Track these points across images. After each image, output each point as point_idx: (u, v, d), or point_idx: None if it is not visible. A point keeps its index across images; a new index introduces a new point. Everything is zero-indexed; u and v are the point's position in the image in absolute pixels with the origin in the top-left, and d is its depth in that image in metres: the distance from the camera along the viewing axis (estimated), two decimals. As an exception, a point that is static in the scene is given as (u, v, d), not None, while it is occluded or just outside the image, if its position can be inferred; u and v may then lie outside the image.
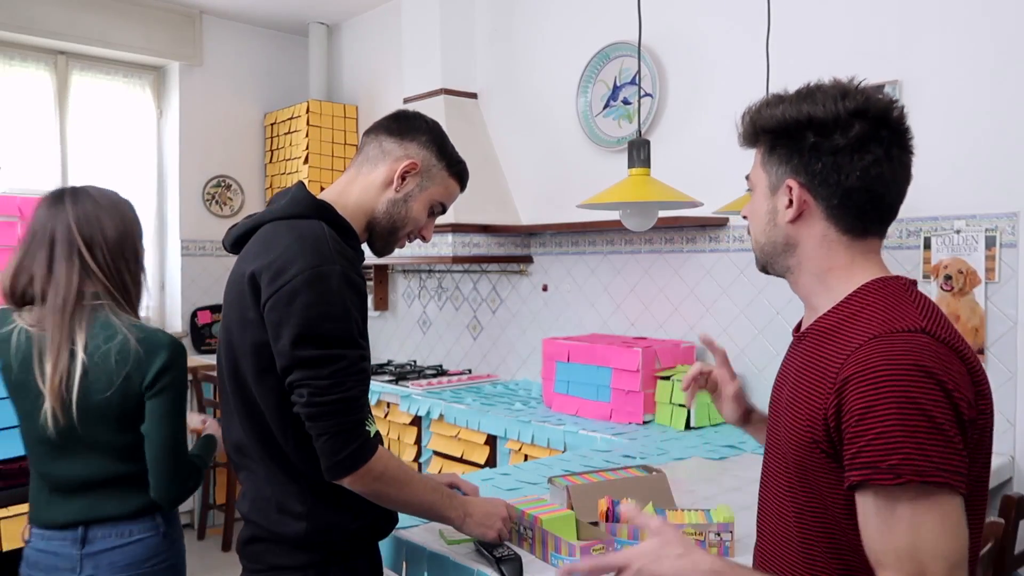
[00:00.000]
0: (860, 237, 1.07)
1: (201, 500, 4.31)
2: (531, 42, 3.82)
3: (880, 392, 0.91)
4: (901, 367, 0.91)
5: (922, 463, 0.88)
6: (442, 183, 1.53)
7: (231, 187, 5.02)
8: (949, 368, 0.92)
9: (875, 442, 0.90)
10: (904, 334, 0.95)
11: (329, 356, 1.28)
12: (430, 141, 1.52)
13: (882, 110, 1.04)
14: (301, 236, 1.33)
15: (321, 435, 1.28)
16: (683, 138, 3.16)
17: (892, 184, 1.05)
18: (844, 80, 1.08)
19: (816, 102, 1.05)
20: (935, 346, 0.94)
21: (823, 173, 1.05)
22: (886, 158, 1.03)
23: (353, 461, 1.29)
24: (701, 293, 3.14)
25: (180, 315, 4.83)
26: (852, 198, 1.04)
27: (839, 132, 1.03)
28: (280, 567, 1.38)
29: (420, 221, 1.53)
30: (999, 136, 2.36)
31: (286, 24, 5.04)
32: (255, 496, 1.40)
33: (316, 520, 1.37)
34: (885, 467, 0.89)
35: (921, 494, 0.89)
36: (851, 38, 2.65)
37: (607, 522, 1.58)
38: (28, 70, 4.39)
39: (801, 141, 1.06)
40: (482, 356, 4.09)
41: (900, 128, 1.05)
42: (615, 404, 2.90)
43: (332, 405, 1.27)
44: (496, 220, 3.72)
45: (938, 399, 0.90)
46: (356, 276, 1.35)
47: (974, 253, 2.41)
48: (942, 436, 0.89)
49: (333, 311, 1.28)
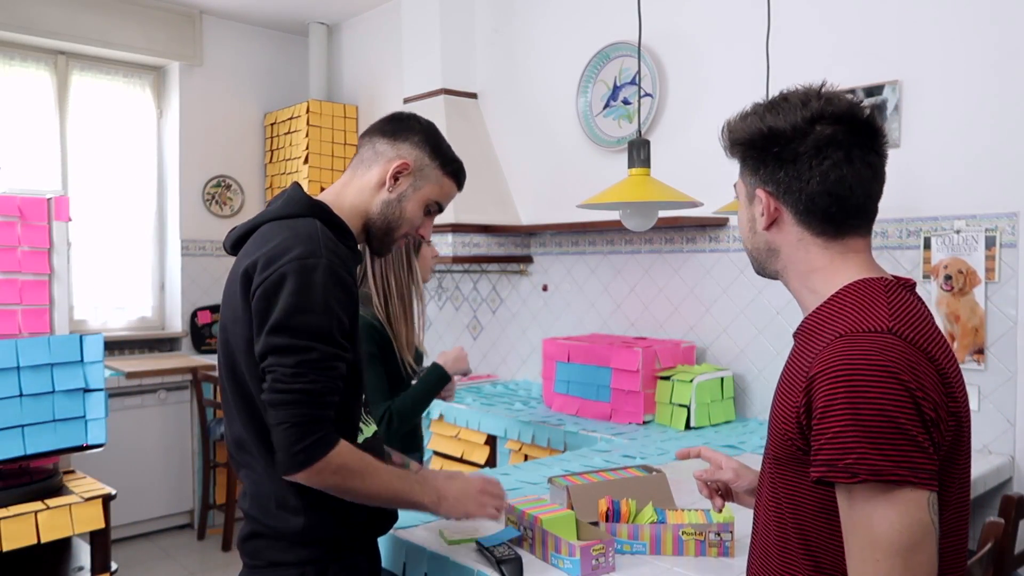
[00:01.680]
0: (836, 238, 1.09)
1: (201, 500, 4.31)
2: (531, 42, 3.82)
3: (838, 391, 0.93)
4: (860, 366, 0.93)
5: (879, 462, 0.90)
6: (436, 182, 1.52)
7: (231, 187, 5.02)
8: (913, 368, 0.93)
9: (833, 441, 0.93)
10: (869, 334, 0.96)
11: (299, 346, 1.26)
12: (423, 141, 1.51)
13: (841, 113, 1.05)
14: (295, 232, 1.34)
15: (279, 424, 1.26)
16: (683, 138, 3.16)
17: (856, 185, 1.05)
18: (813, 85, 1.10)
19: (779, 113, 1.07)
20: (900, 346, 0.94)
21: (786, 181, 1.08)
22: (846, 160, 1.04)
23: (308, 456, 1.25)
24: (701, 293, 3.14)
25: (180, 315, 4.83)
26: (816, 203, 1.06)
27: (797, 140, 1.06)
28: (279, 563, 1.38)
29: (416, 221, 1.52)
30: (999, 136, 2.36)
31: (286, 24, 5.04)
32: (255, 492, 1.41)
33: (314, 516, 1.37)
34: (842, 466, 0.92)
35: (880, 491, 0.91)
36: (851, 38, 2.65)
37: (607, 522, 1.58)
38: (28, 70, 4.40)
39: (765, 152, 1.09)
40: (482, 356, 4.09)
41: (864, 129, 1.06)
42: (615, 404, 2.90)
43: (293, 394, 1.25)
44: (496, 220, 3.72)
45: (898, 398, 0.91)
46: (345, 274, 1.34)
47: (974, 253, 2.40)
48: (901, 434, 0.90)
49: (313, 303, 1.28)
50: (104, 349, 2.36)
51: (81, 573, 2.33)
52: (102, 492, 2.32)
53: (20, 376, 2.20)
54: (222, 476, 4.29)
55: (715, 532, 1.55)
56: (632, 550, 1.56)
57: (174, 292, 4.87)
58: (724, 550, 1.55)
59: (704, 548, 1.55)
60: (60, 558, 2.42)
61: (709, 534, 1.55)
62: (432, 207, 1.54)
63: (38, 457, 2.25)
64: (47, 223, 2.50)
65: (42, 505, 2.19)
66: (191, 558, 4.00)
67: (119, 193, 4.72)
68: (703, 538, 1.55)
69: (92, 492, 2.31)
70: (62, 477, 2.41)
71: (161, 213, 4.93)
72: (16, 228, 2.43)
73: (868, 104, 1.11)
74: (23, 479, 2.27)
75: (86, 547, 2.39)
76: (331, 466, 1.28)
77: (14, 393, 2.18)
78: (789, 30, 2.76)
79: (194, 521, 4.37)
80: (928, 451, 0.91)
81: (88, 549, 2.35)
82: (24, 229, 2.45)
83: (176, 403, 4.33)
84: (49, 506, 2.19)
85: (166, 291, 4.94)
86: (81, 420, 2.31)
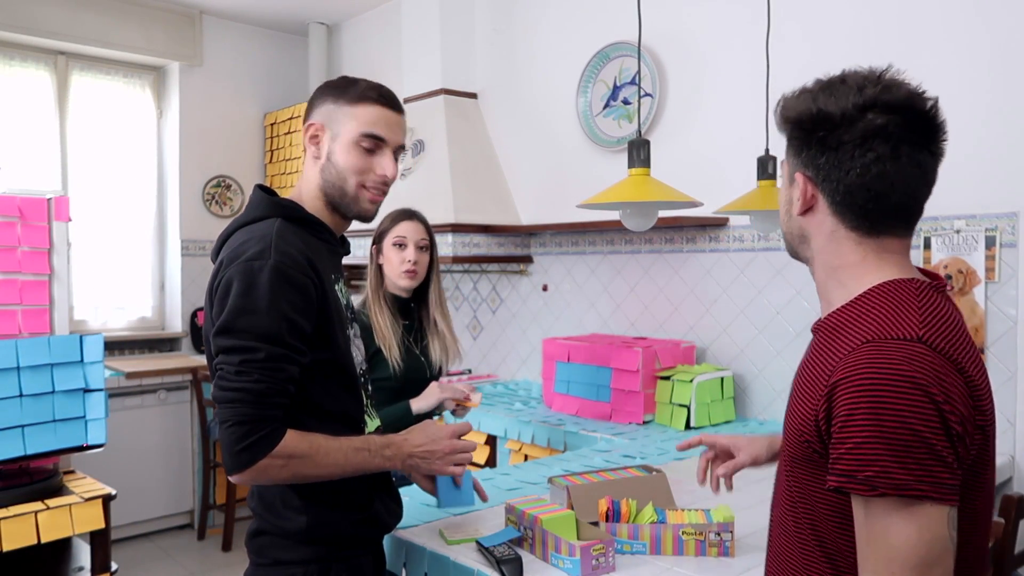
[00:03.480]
0: (871, 235, 1.03)
1: (201, 500, 4.31)
2: (531, 42, 3.82)
3: (863, 400, 0.89)
4: (887, 376, 0.89)
5: (901, 476, 0.87)
6: (351, 117, 1.42)
7: (231, 187, 5.02)
8: (942, 380, 0.89)
9: (854, 451, 0.89)
10: (898, 342, 0.92)
11: (245, 346, 1.26)
12: (322, 95, 1.46)
13: (897, 103, 0.98)
14: (250, 236, 1.34)
15: (222, 423, 1.25)
16: (683, 138, 3.16)
17: (899, 184, 0.99)
18: (876, 68, 1.03)
19: (832, 94, 1.01)
20: (929, 356, 0.90)
21: (826, 168, 1.02)
22: (892, 156, 0.98)
23: (251, 455, 1.24)
24: (701, 293, 3.14)
25: (180, 315, 4.83)
26: (853, 196, 1.01)
27: (844, 127, 0.99)
28: (283, 561, 1.39)
29: (358, 164, 1.42)
30: (999, 136, 2.36)
31: (286, 24, 5.04)
32: (260, 490, 1.42)
33: (317, 515, 1.38)
34: (861, 478, 0.89)
35: (901, 506, 0.88)
36: (851, 38, 2.65)
37: (607, 522, 1.58)
38: (28, 70, 4.39)
39: (811, 134, 1.03)
40: (482, 356, 4.09)
41: (920, 124, 1.00)
42: (615, 404, 2.90)
43: (235, 392, 1.24)
44: (496, 220, 3.72)
45: (924, 411, 0.87)
46: (299, 274, 1.31)
47: (974, 253, 2.40)
48: (925, 448, 0.87)
49: (255, 305, 1.27)
50: (104, 349, 2.36)
51: (81, 573, 2.33)
52: (102, 492, 2.32)
53: (20, 376, 2.19)
54: (222, 476, 4.29)
55: (715, 532, 1.55)
56: (632, 550, 1.56)
57: (174, 292, 4.87)
58: (724, 550, 1.55)
59: (704, 548, 1.55)
60: (60, 558, 2.42)
61: (709, 534, 1.55)
62: (364, 142, 1.42)
63: (38, 457, 2.25)
64: (47, 223, 2.49)
65: (42, 505, 2.19)
66: (191, 558, 4.00)
67: (119, 193, 4.72)
68: (703, 538, 1.55)
69: (92, 492, 2.31)
70: (62, 477, 2.41)
71: (161, 213, 4.93)
72: (16, 228, 2.43)
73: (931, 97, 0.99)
74: (23, 479, 2.27)
75: (86, 547, 2.39)
76: (277, 461, 1.26)
77: (14, 393, 2.18)
78: (789, 30, 2.76)
79: (194, 521, 4.37)
80: (952, 466, 0.88)
81: (88, 549, 2.35)
82: (24, 229, 2.45)
83: (176, 403, 4.33)
84: (49, 506, 2.19)
85: (166, 291, 4.94)
86: (81, 420, 2.31)
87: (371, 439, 1.40)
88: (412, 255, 2.19)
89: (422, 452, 1.44)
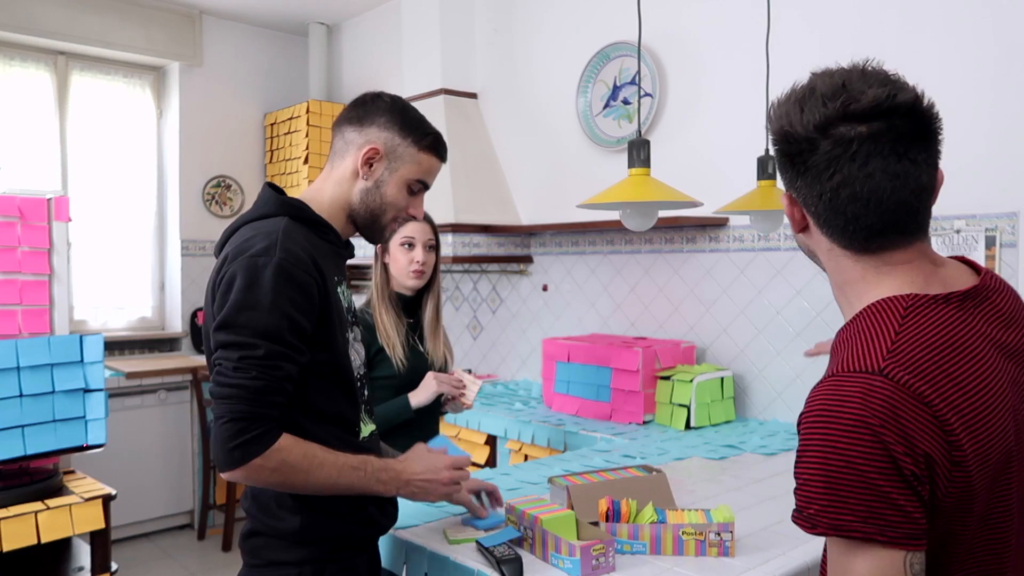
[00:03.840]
0: (866, 253, 0.96)
1: (201, 500, 4.31)
2: (531, 42, 3.82)
3: (813, 437, 0.87)
4: (836, 414, 0.86)
5: (842, 517, 0.84)
6: (413, 161, 1.46)
7: (231, 187, 5.02)
8: (899, 418, 0.83)
9: (802, 488, 0.88)
10: (856, 375, 0.87)
11: (244, 343, 1.25)
12: (390, 122, 1.45)
13: (863, 113, 0.90)
14: (256, 232, 1.34)
15: (218, 419, 1.25)
16: (683, 138, 3.16)
17: (874, 200, 0.91)
18: (857, 65, 0.96)
19: (802, 108, 0.94)
20: (887, 391, 0.84)
21: (803, 191, 0.97)
22: (861, 175, 0.91)
23: (244, 453, 1.23)
24: (701, 293, 3.14)
25: (180, 315, 4.83)
26: (832, 218, 0.95)
27: (808, 150, 0.93)
28: (278, 562, 1.39)
29: (400, 203, 1.47)
30: (999, 136, 2.36)
31: (286, 24, 5.04)
32: (255, 491, 1.42)
33: (311, 516, 1.37)
34: (806, 514, 0.87)
35: (848, 547, 0.85)
36: (851, 38, 2.65)
37: (607, 522, 1.58)
38: (28, 70, 4.40)
39: (784, 155, 0.98)
40: (482, 356, 4.09)
41: (890, 133, 0.91)
42: (615, 404, 2.90)
43: (232, 388, 1.24)
44: (496, 220, 3.72)
45: (869, 452, 0.83)
46: (302, 272, 1.30)
47: (974, 253, 2.40)
48: (871, 491, 0.83)
49: (257, 302, 1.26)
50: (104, 349, 2.36)
51: (81, 573, 2.33)
52: (102, 492, 2.32)
53: (20, 376, 2.20)
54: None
55: (715, 532, 1.55)
56: (632, 550, 1.56)
57: (174, 292, 4.87)
58: (724, 550, 1.54)
59: (704, 548, 1.55)
60: (60, 558, 2.42)
61: (709, 534, 1.55)
62: (415, 186, 1.48)
63: (38, 457, 2.25)
64: (47, 223, 2.50)
65: (42, 505, 2.19)
66: (191, 558, 4.00)
67: (119, 193, 4.72)
68: (703, 538, 1.55)
69: (92, 492, 2.31)
70: (62, 477, 2.41)
71: (161, 213, 4.93)
72: (16, 228, 2.43)
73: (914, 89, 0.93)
74: (23, 479, 2.27)
75: (86, 547, 2.39)
76: (270, 464, 1.26)
77: (14, 393, 2.18)
78: (789, 30, 2.76)
79: (194, 521, 4.37)
80: (904, 509, 0.83)
81: (88, 549, 2.35)
82: (24, 229, 2.45)
83: (176, 403, 4.33)
84: (49, 506, 2.19)
85: (166, 291, 4.94)
86: (81, 420, 2.31)
87: (369, 460, 1.39)
88: (420, 256, 2.19)
89: (421, 481, 1.45)
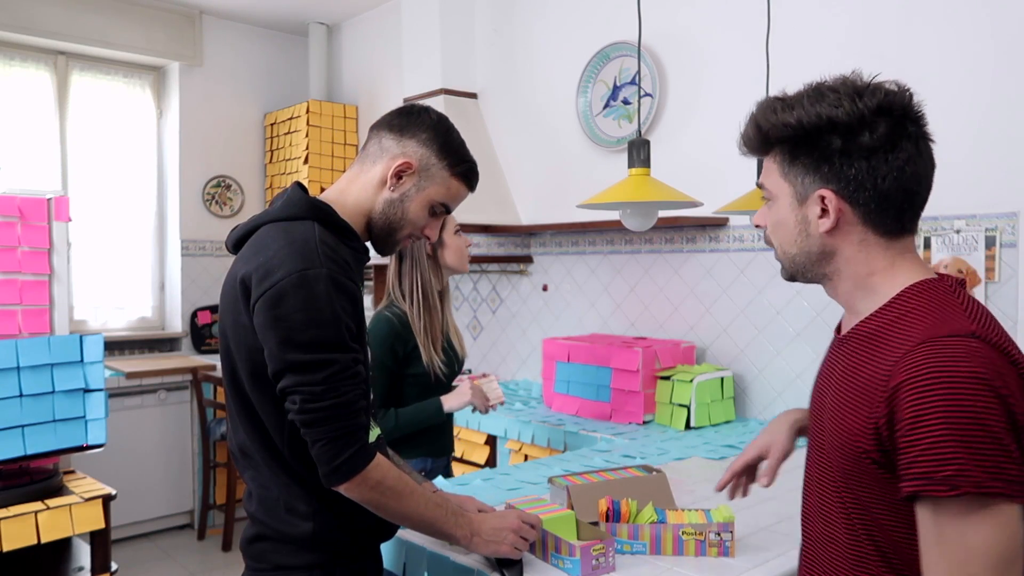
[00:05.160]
0: (898, 237, 1.04)
1: (201, 500, 4.31)
2: (531, 42, 3.82)
3: (932, 400, 0.88)
4: (953, 374, 0.88)
5: (978, 474, 0.85)
6: (443, 183, 1.45)
7: (231, 187, 5.02)
8: (1002, 374, 0.89)
9: (928, 452, 0.87)
10: (954, 339, 0.91)
11: (321, 360, 1.25)
12: (430, 139, 1.44)
13: (904, 104, 1.01)
14: (291, 239, 1.31)
15: (317, 441, 1.25)
16: (683, 138, 3.16)
17: (924, 179, 1.02)
18: (849, 76, 1.04)
19: (832, 104, 0.99)
20: (987, 351, 0.90)
21: (858, 178, 1.00)
22: (917, 153, 1.01)
23: (351, 467, 1.26)
24: (701, 293, 3.14)
25: (180, 315, 4.82)
26: (890, 200, 1.01)
27: (867, 133, 0.99)
28: (285, 567, 1.37)
29: (419, 222, 1.45)
30: (999, 136, 2.36)
31: (286, 24, 5.04)
32: (262, 496, 1.39)
33: (323, 521, 1.36)
34: (940, 478, 0.87)
35: (977, 505, 0.86)
36: (851, 38, 2.65)
37: (607, 522, 1.58)
38: (28, 70, 4.39)
39: (826, 147, 1.01)
40: (482, 356, 4.09)
41: (921, 118, 1.03)
42: (615, 404, 2.90)
43: (327, 411, 1.25)
44: (496, 220, 3.72)
45: (991, 407, 0.86)
46: (347, 280, 1.30)
47: (974, 253, 2.40)
48: (997, 445, 0.86)
49: (321, 316, 1.25)
50: (104, 349, 2.36)
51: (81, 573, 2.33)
52: (102, 492, 2.32)
53: (20, 376, 2.20)
54: (222, 476, 4.29)
55: (715, 532, 1.55)
56: (632, 550, 1.56)
57: (174, 292, 4.87)
58: (724, 550, 1.54)
59: (704, 548, 1.55)
60: (60, 558, 2.42)
61: (709, 534, 1.55)
62: (438, 208, 1.46)
63: (38, 457, 2.25)
64: (47, 223, 2.50)
65: (42, 505, 2.19)
66: (191, 558, 4.00)
67: (119, 193, 4.72)
68: (703, 538, 1.55)
69: (92, 492, 2.31)
70: (62, 477, 2.41)
71: (161, 213, 4.93)
72: (16, 228, 2.43)
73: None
74: (23, 479, 2.27)
75: (86, 547, 2.39)
76: (370, 480, 1.28)
77: (14, 393, 2.18)
78: (789, 30, 2.76)
79: (194, 521, 4.37)
80: (1018, 461, 0.87)
81: (88, 549, 2.35)
82: (24, 229, 2.45)
83: (176, 403, 4.33)
84: (49, 506, 2.19)
85: (166, 291, 4.94)
86: (81, 420, 2.31)
87: (447, 499, 1.44)
88: (467, 239, 2.37)
89: (490, 531, 1.44)
